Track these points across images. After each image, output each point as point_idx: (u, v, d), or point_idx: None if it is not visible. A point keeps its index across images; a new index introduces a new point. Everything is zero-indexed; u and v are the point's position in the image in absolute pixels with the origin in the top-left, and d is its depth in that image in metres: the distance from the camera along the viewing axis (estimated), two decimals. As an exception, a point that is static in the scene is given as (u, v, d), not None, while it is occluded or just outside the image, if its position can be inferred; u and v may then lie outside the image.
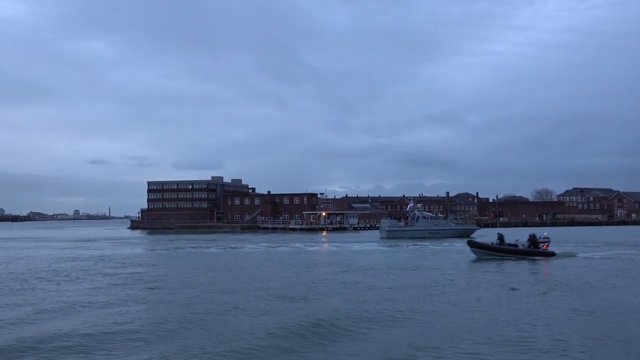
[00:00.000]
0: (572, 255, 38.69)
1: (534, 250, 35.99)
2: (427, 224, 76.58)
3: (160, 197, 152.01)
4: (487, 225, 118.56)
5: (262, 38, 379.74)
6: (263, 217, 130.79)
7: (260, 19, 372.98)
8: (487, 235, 76.65)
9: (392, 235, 72.75)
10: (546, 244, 36.83)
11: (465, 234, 77.71)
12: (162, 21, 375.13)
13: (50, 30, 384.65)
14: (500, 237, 37.68)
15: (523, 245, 36.54)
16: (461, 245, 56.01)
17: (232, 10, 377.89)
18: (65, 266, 35.95)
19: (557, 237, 72.67)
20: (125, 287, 25.16)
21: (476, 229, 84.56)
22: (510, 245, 36.90)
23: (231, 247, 56.44)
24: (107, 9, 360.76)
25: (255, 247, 55.98)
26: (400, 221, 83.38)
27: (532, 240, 36.51)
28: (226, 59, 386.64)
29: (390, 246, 55.16)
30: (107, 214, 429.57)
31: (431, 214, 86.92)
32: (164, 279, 27.95)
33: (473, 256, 38.17)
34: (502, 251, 36.30)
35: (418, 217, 77.36)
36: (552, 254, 36.08)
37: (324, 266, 35.53)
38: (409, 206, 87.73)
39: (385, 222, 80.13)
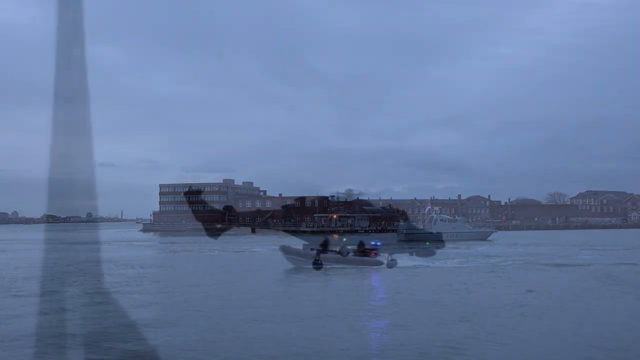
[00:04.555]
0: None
1: (357, 258, 33.79)
2: (445, 226, 76.28)
3: (172, 199, 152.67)
4: (499, 228, 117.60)
5: (269, 42, 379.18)
6: (274, 220, 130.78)
7: (268, 23, 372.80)
8: (500, 239, 76.43)
9: (410, 238, 72.64)
10: (375, 252, 34.58)
11: (482, 237, 77.62)
12: (171, 26, 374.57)
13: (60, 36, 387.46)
14: (324, 243, 34.58)
15: (349, 252, 34.36)
16: (483, 248, 55.38)
17: (240, 15, 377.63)
18: (78, 268, 36.02)
19: (554, 241, 72.27)
20: (129, 289, 25.13)
21: (493, 232, 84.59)
22: (332, 252, 34.29)
23: (242, 250, 56.38)
24: (115, 14, 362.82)
25: (261, 250, 55.89)
26: (417, 224, 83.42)
27: (361, 247, 34.72)
28: (234, 63, 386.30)
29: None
30: (120, 217, 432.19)
31: (449, 217, 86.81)
32: (170, 280, 27.96)
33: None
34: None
35: (436, 220, 77.34)
36: (379, 263, 33.83)
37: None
38: (426, 209, 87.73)
39: (404, 225, 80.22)
